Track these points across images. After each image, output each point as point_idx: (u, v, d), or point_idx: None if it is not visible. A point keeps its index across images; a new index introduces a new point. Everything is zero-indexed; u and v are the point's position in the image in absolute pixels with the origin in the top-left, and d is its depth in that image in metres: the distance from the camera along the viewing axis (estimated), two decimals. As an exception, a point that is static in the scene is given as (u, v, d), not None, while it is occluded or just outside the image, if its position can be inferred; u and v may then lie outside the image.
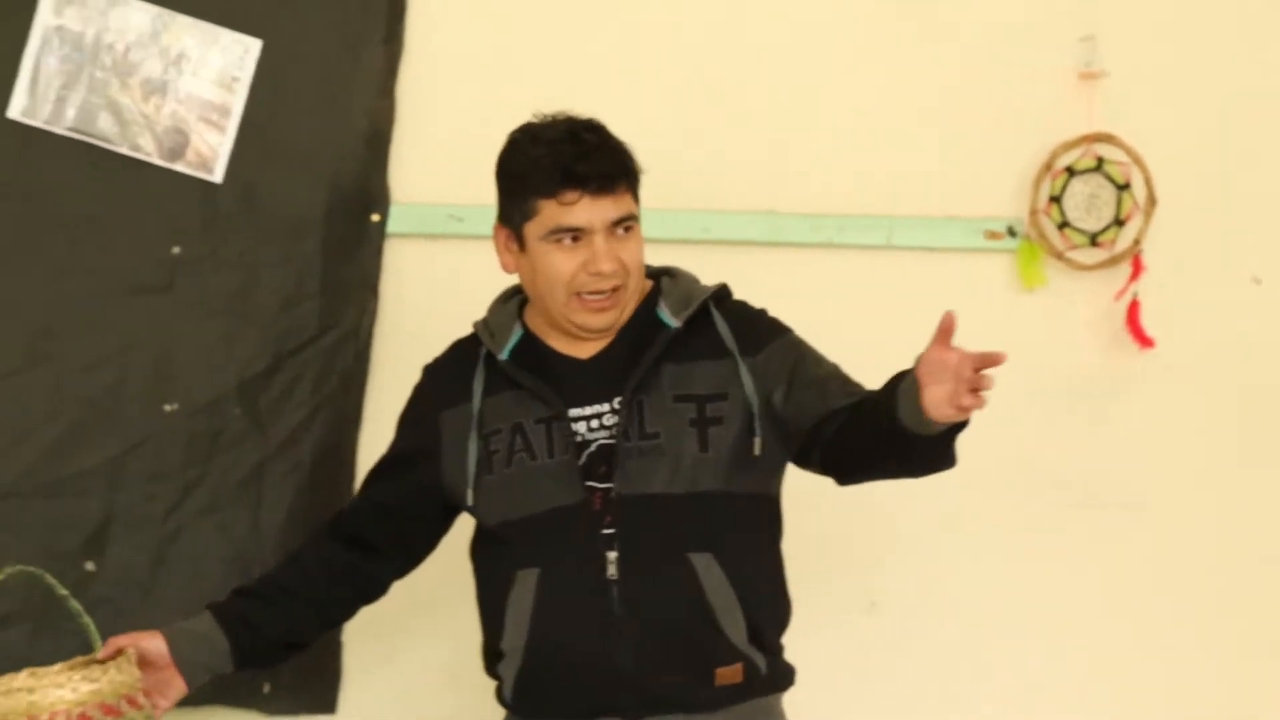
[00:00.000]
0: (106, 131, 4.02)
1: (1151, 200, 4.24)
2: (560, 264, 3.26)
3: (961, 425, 3.04)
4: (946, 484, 4.08)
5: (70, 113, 4.00)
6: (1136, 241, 4.24)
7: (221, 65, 4.05)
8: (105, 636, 3.27)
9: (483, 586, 3.38)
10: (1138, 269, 4.23)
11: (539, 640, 3.26)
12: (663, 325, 3.31)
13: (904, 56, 4.25)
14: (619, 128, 3.35)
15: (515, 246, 3.33)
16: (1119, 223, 4.24)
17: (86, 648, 3.21)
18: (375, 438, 4.01)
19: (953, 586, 4.20)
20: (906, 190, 4.23)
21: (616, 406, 3.26)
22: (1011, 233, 4.24)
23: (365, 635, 4.04)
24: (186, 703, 3.44)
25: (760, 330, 3.35)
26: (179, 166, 4.03)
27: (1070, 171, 4.23)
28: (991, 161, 4.24)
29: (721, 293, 3.38)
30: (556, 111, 3.34)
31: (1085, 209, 4.24)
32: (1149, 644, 4.24)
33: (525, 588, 3.25)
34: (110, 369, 3.99)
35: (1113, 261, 4.24)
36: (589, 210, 3.25)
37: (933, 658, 4.19)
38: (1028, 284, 4.23)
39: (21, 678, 3.10)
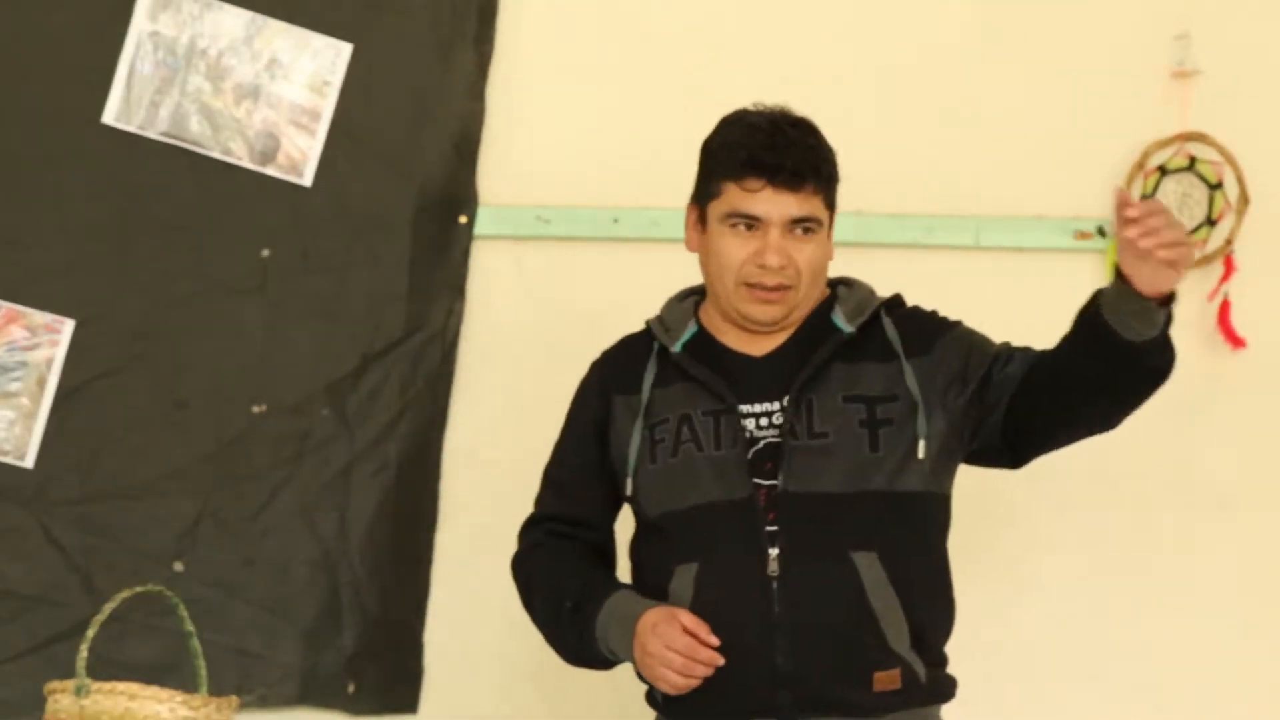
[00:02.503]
0: (199, 136, 4.06)
1: (1244, 200, 4.20)
2: (732, 249, 3.25)
3: (1168, 314, 3.07)
4: (1035, 486, 4.09)
5: (163, 117, 4.05)
6: (1228, 241, 4.20)
7: (313, 69, 4.09)
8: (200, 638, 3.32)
9: (637, 581, 3.32)
10: (1229, 269, 4.19)
11: None
12: (835, 329, 3.29)
13: (994, 54, 4.22)
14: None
15: (699, 226, 3.32)
16: (1211, 222, 4.20)
17: (171, 653, 3.24)
18: (461, 439, 4.05)
19: (1041, 591, 4.17)
20: (994, 189, 4.20)
21: (786, 405, 3.24)
22: (1101, 232, 4.20)
23: (446, 635, 4.07)
24: (271, 704, 3.48)
25: (928, 329, 3.34)
26: (270, 170, 4.07)
27: (1162, 171, 4.20)
28: (1081, 160, 4.21)
29: (894, 300, 3.38)
30: (775, 104, 3.32)
31: (1177, 208, 4.19)
32: (1237, 647, 4.19)
33: (683, 582, 3.20)
34: (200, 370, 4.04)
35: (1204, 261, 4.19)
36: (769, 201, 3.23)
37: (1028, 661, 4.17)
38: (1118, 284, 4.20)
39: (127, 684, 3.16)
